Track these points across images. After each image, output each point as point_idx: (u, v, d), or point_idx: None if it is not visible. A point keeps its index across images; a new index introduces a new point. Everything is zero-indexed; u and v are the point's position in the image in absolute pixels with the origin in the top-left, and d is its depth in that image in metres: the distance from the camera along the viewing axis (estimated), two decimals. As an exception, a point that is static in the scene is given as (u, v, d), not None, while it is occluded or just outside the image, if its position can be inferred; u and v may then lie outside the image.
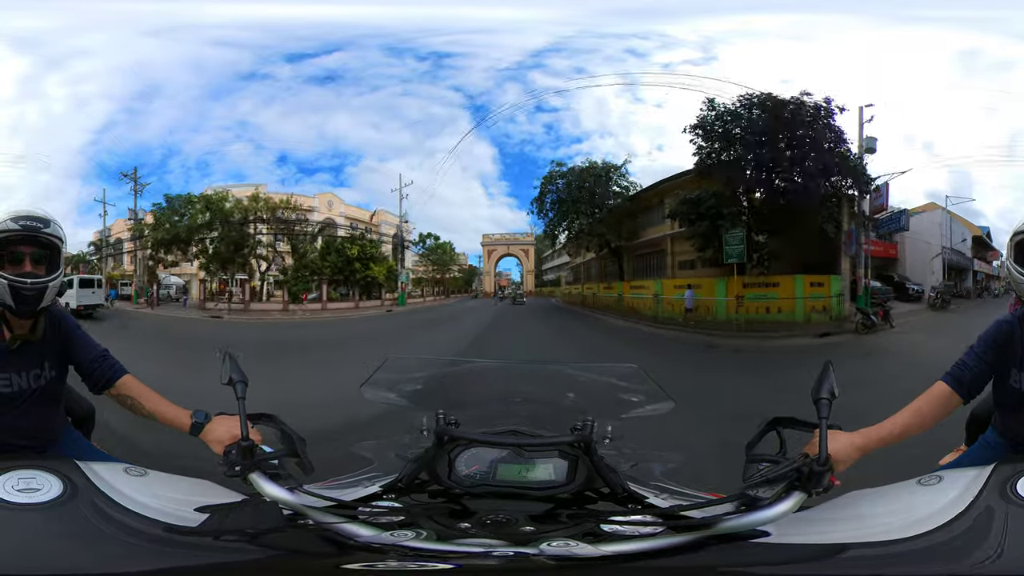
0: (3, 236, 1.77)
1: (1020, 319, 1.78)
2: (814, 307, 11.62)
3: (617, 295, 20.97)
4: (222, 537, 1.23)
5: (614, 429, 1.66)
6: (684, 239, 17.65)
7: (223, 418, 1.64)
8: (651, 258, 20.54)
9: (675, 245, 18.89)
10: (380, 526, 1.27)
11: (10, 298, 1.77)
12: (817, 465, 1.30)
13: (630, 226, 20.86)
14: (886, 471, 1.55)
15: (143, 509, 1.33)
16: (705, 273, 16.28)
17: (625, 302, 20.01)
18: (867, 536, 1.22)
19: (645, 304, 18.31)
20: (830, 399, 1.38)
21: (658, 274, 19.45)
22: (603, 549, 1.18)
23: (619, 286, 21.29)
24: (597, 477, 1.46)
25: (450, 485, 1.46)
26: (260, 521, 1.26)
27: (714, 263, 14.87)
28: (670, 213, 18.02)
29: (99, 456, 1.97)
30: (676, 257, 18.88)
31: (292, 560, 1.25)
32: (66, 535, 1.22)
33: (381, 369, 1.88)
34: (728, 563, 1.21)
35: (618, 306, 20.29)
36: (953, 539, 1.18)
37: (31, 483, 1.33)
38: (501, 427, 1.59)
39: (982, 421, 2.05)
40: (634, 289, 20.04)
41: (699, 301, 15.53)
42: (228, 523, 1.27)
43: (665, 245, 19.46)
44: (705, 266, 16.14)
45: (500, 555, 1.19)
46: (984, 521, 1.20)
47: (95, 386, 1.96)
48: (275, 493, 1.36)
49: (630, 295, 20.01)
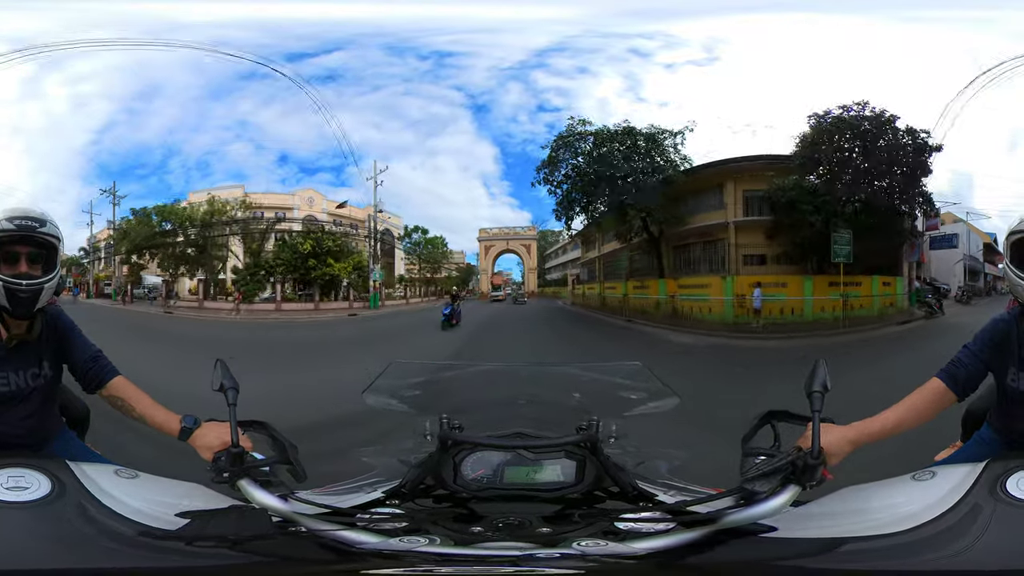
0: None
1: (1017, 317, 1.81)
2: (883, 303, 13.90)
3: (659, 296, 16.60)
4: (198, 542, 1.22)
5: (619, 428, 1.66)
6: (753, 229, 15.01)
7: (213, 424, 1.62)
8: (700, 249, 16.73)
9: (741, 235, 15.30)
10: (383, 532, 1.27)
11: (5, 299, 1.74)
12: (810, 459, 1.32)
13: (673, 210, 16.68)
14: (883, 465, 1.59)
15: (126, 511, 1.33)
16: (776, 270, 14.74)
17: (672, 305, 15.68)
18: (863, 530, 1.26)
19: (699, 307, 14.87)
20: (823, 392, 1.40)
21: (714, 269, 15.92)
22: (635, 547, 1.20)
23: (660, 284, 16.86)
24: (606, 476, 1.47)
25: (456, 489, 1.46)
26: (244, 527, 1.25)
27: (793, 260, 14.67)
28: (771, 201, 14.64)
29: (92, 457, 1.96)
30: (740, 250, 15.42)
31: (284, 567, 1.24)
32: (49, 534, 1.23)
33: (383, 375, 1.89)
34: (740, 558, 1.24)
35: (659, 310, 16.09)
36: (939, 533, 1.21)
37: (20, 481, 1.34)
38: (506, 430, 1.59)
39: (977, 418, 2.08)
40: (685, 289, 15.91)
41: (782, 302, 13.73)
42: (208, 528, 1.26)
43: (726, 235, 15.76)
44: (781, 263, 14.84)
45: (544, 556, 1.19)
46: (970, 516, 1.24)
47: (87, 386, 1.95)
48: (264, 500, 1.35)
49: (680, 296, 15.81)
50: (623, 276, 19.74)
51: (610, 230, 19.49)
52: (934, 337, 11.63)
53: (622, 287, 19.34)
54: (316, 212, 20.91)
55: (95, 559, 1.20)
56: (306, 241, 19.75)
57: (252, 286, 18.98)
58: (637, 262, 19.21)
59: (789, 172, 14.44)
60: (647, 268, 18.44)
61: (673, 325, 14.32)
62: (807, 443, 1.36)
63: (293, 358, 11.26)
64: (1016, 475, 1.34)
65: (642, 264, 18.90)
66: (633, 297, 18.24)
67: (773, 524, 1.29)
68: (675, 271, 17.23)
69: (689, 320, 14.76)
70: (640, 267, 19.00)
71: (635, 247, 18.83)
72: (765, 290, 13.61)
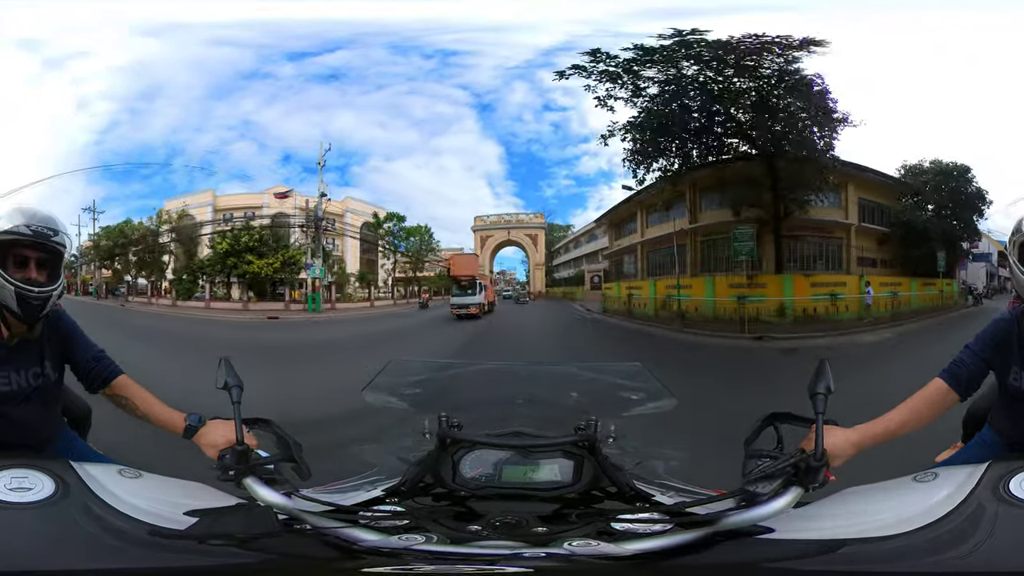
0: (12, 239, 1.75)
1: (1018, 317, 1.80)
2: (947, 298, 18.00)
3: (783, 297, 13.74)
4: (208, 541, 1.22)
5: (617, 428, 1.66)
6: (868, 234, 16.40)
7: (217, 422, 1.63)
8: (815, 245, 15.68)
9: (858, 239, 16.19)
10: (385, 530, 1.27)
11: (16, 305, 1.76)
12: (813, 461, 1.32)
13: (817, 185, 14.40)
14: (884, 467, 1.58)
15: (132, 511, 1.33)
16: (885, 272, 16.87)
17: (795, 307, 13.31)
18: (864, 532, 1.25)
19: (831, 307, 14.05)
20: (826, 394, 1.40)
21: (831, 267, 15.79)
22: (626, 548, 1.20)
23: (785, 282, 14.05)
24: (603, 476, 1.47)
25: (455, 488, 1.46)
26: (251, 525, 1.25)
27: (893, 264, 17.51)
28: (892, 218, 16.85)
29: (95, 457, 1.96)
30: (855, 252, 16.08)
31: (290, 564, 1.25)
32: (55, 535, 1.23)
33: (383, 372, 1.89)
34: (738, 560, 1.24)
35: (784, 316, 13.21)
36: (941, 535, 1.21)
37: (23, 482, 1.34)
38: (504, 429, 1.59)
39: (979, 419, 2.07)
40: (819, 287, 14.41)
41: (894, 298, 15.91)
42: (216, 527, 1.26)
43: (844, 235, 16.05)
44: (888, 266, 17.26)
45: (530, 556, 1.19)
46: (973, 518, 1.23)
47: (91, 385, 1.96)
48: (270, 498, 1.35)
49: (811, 294, 13.93)
50: (684, 269, 15.15)
51: (709, 191, 15.07)
52: (984, 314, 12.67)
53: (707, 284, 14.45)
54: (287, 209, 19.99)
55: (104, 559, 1.20)
56: (223, 240, 19.10)
57: (183, 286, 19.50)
58: (713, 253, 14.86)
59: (900, 196, 17.42)
60: (714, 261, 14.88)
61: (841, 333, 12.41)
62: (810, 445, 1.36)
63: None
64: (1019, 476, 1.33)
65: (717, 256, 14.78)
66: (731, 300, 13.85)
67: (772, 525, 1.29)
68: (779, 266, 14.86)
69: (825, 323, 13.52)
70: (715, 259, 14.95)
71: (711, 230, 14.44)
72: (883, 288, 15.93)
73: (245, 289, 19.10)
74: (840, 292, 14.68)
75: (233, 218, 20.15)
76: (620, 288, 18.40)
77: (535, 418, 1.66)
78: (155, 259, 20.43)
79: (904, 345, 11.58)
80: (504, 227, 19.66)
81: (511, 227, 19.73)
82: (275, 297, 19.07)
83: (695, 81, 13.58)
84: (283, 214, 19.36)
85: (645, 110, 13.93)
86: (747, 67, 13.21)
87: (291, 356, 11.58)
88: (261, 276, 18.50)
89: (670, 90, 13.60)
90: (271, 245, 18.96)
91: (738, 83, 13.46)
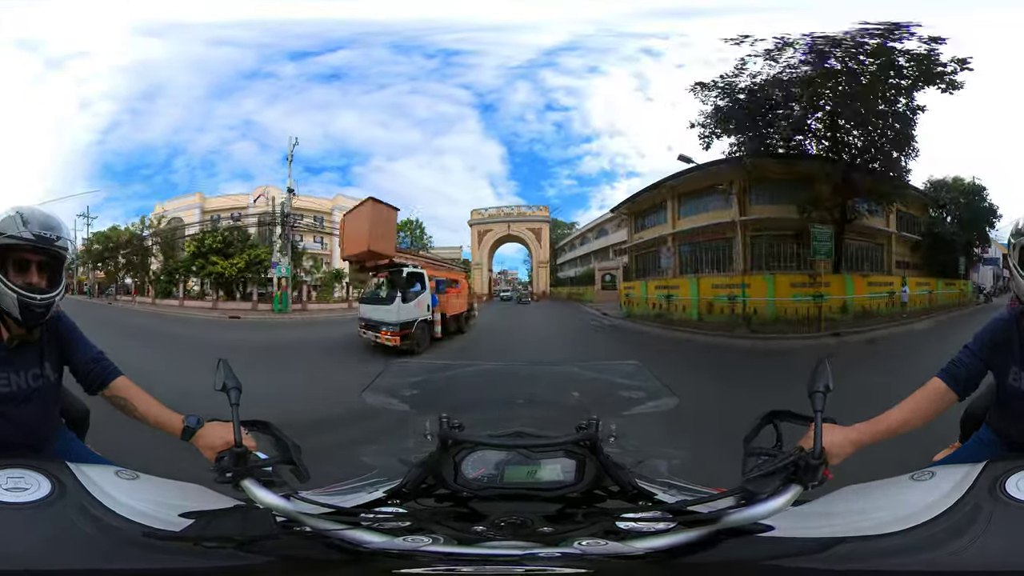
0: (12, 243, 1.73)
1: (1017, 317, 1.81)
2: (962, 295, 19.87)
3: (846, 296, 13.65)
4: (204, 542, 1.22)
5: (618, 427, 1.66)
6: (905, 243, 18.33)
7: (216, 424, 1.62)
8: (860, 249, 16.29)
9: (897, 245, 17.96)
10: (388, 532, 1.27)
11: (18, 312, 1.74)
12: (812, 459, 1.33)
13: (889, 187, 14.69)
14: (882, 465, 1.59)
15: (128, 512, 1.33)
16: (915, 274, 18.51)
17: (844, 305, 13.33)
18: (862, 530, 1.27)
19: (877, 304, 15.21)
20: (825, 392, 1.41)
21: (875, 268, 16.99)
22: (635, 546, 1.20)
23: (846, 281, 14.00)
24: (606, 475, 1.47)
25: (457, 488, 1.46)
26: (248, 527, 1.24)
27: (921, 267, 19.21)
28: (923, 227, 18.75)
29: (92, 458, 1.95)
30: (895, 257, 17.77)
31: (289, 566, 1.24)
32: (50, 535, 1.23)
33: (383, 374, 1.90)
34: (740, 557, 1.25)
35: (845, 314, 12.98)
36: (937, 533, 1.22)
37: (20, 482, 1.34)
38: (506, 429, 1.59)
39: (977, 418, 2.08)
40: (876, 287, 15.34)
41: (928, 296, 17.98)
42: (211, 529, 1.26)
43: (885, 241, 17.45)
44: (924, 268, 19.04)
45: (544, 555, 1.19)
46: (970, 517, 1.25)
47: (90, 387, 1.95)
48: (268, 500, 1.34)
49: (867, 292, 14.46)
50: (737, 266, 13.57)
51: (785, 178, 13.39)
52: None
53: (768, 283, 12.80)
54: (267, 208, 20.03)
55: (99, 560, 1.20)
56: (191, 242, 19.91)
57: (161, 285, 20.36)
58: (768, 249, 13.49)
59: (927, 207, 19.26)
60: (761, 258, 13.71)
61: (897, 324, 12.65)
62: (809, 443, 1.36)
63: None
64: (1015, 476, 1.34)
65: (769, 252, 13.58)
66: (790, 299, 12.44)
67: (772, 524, 1.29)
68: (831, 267, 13.97)
69: (878, 317, 13.93)
70: (765, 255, 13.74)
71: (764, 225, 13.08)
72: (919, 287, 17.97)
73: (216, 289, 19.50)
74: (893, 291, 16.42)
75: (220, 219, 20.61)
76: (647, 287, 15.56)
77: (536, 418, 1.67)
78: (141, 261, 21.57)
79: (941, 330, 13.90)
80: (503, 220, 17.28)
81: (511, 220, 17.39)
82: (245, 297, 19.18)
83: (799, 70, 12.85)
84: (268, 214, 19.13)
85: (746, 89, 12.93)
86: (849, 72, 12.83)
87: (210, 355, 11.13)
88: (226, 276, 18.79)
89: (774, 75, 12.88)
90: (238, 246, 19.24)
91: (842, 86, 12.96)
